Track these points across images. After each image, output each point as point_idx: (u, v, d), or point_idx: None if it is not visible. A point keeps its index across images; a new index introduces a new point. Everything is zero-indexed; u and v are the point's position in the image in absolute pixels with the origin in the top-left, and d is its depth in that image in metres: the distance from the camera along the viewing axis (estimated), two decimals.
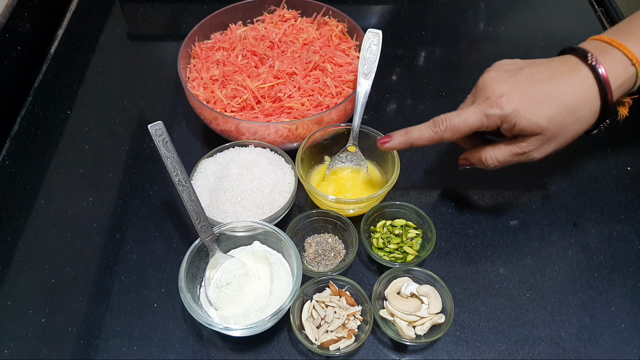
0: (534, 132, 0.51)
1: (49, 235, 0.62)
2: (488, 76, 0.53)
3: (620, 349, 0.54)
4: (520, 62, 0.55)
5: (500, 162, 0.55)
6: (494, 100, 0.51)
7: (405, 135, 0.56)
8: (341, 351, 0.51)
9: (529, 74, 0.52)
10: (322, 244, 0.60)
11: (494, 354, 0.54)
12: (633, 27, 0.51)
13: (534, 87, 0.50)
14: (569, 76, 0.50)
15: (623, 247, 0.61)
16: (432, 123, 0.55)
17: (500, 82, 0.52)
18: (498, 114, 0.51)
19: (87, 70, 0.82)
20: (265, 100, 0.67)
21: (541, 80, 0.51)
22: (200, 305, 0.54)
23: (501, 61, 0.56)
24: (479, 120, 0.52)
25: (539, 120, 0.50)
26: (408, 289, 0.54)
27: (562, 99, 0.50)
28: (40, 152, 0.70)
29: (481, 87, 0.53)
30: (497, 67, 0.55)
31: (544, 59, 0.54)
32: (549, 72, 0.51)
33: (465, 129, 0.53)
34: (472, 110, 0.52)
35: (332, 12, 0.77)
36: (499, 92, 0.51)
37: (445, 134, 0.54)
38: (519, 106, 0.50)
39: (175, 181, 0.54)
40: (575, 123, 0.51)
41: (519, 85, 0.51)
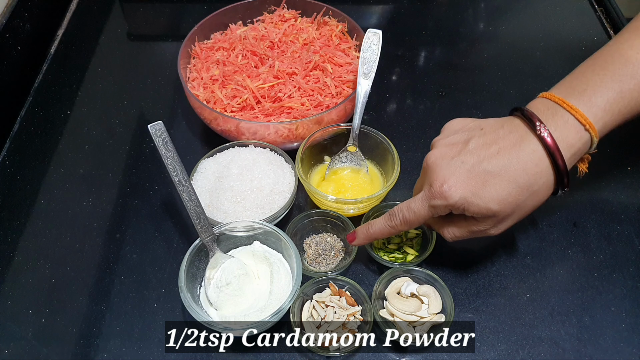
0: (485, 215, 0.47)
1: (49, 235, 0.62)
2: (432, 155, 0.50)
3: (620, 349, 0.54)
4: (470, 126, 0.50)
5: (457, 237, 0.52)
6: (436, 189, 0.47)
7: (366, 232, 0.55)
8: (341, 351, 0.51)
9: (475, 148, 0.47)
10: (321, 243, 0.60)
11: (494, 354, 0.54)
12: (585, 83, 0.47)
13: (480, 166, 0.46)
14: (517, 149, 0.46)
15: (623, 247, 0.61)
16: (388, 217, 0.53)
17: (443, 163, 0.48)
18: (443, 204, 0.47)
19: (87, 70, 0.82)
20: (265, 100, 0.67)
21: (488, 156, 0.46)
22: (200, 305, 0.54)
23: (450, 125, 0.53)
24: (427, 211, 0.49)
25: (489, 204, 0.46)
26: (408, 289, 0.54)
27: (511, 177, 0.46)
28: (40, 152, 0.70)
29: (426, 169, 0.50)
30: (442, 141, 0.51)
31: (494, 121, 0.49)
32: (496, 144, 0.47)
33: (418, 221, 0.51)
34: (420, 202, 0.49)
35: (332, 12, 0.77)
36: (442, 178, 0.47)
37: (401, 227, 0.52)
38: (464, 192, 0.46)
39: (175, 181, 0.54)
40: (531, 197, 0.47)
41: (463, 167, 0.47)
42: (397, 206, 0.52)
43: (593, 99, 0.46)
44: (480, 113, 0.76)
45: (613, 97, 0.46)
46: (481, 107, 0.76)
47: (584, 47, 0.85)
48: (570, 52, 0.84)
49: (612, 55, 0.49)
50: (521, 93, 0.78)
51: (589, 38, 0.86)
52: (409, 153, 0.70)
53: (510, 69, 0.82)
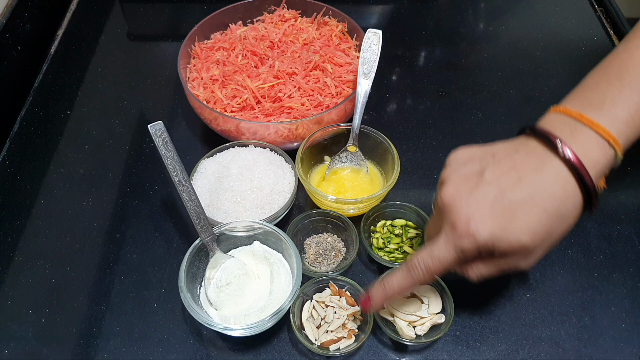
0: (517, 250, 0.43)
1: (49, 235, 0.62)
2: (446, 192, 0.44)
3: (620, 349, 0.54)
4: (480, 155, 0.45)
5: (485, 276, 0.46)
6: (462, 229, 0.42)
7: (384, 292, 0.48)
8: (341, 351, 0.51)
9: (493, 179, 0.43)
10: (322, 244, 0.60)
11: (494, 354, 0.54)
12: (602, 95, 0.43)
13: (504, 199, 0.42)
14: (540, 175, 0.42)
15: (623, 247, 0.61)
16: (407, 270, 0.46)
17: (462, 200, 0.43)
18: (472, 245, 0.42)
19: (87, 70, 0.82)
20: (265, 100, 0.67)
21: (509, 186, 0.42)
22: (200, 305, 0.54)
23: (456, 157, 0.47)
24: (454, 256, 0.44)
25: (520, 237, 0.42)
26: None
27: (539, 205, 0.42)
28: (40, 152, 0.70)
29: (442, 209, 0.44)
30: (453, 175, 0.45)
31: (504, 146, 0.45)
32: (515, 171, 0.43)
33: (442, 269, 0.45)
34: (443, 247, 0.44)
35: (332, 12, 0.77)
36: (465, 217, 0.42)
37: (424, 279, 0.46)
38: (492, 228, 0.42)
39: (175, 181, 0.54)
40: (560, 223, 0.43)
41: (485, 201, 0.42)
42: (417, 256, 0.46)
43: (614, 111, 0.43)
44: (480, 113, 0.76)
45: (634, 108, 0.43)
46: (481, 107, 0.76)
47: (584, 47, 0.85)
48: (570, 52, 0.84)
49: (625, 63, 0.45)
50: (521, 93, 0.78)
51: (589, 38, 0.86)
52: (409, 153, 0.71)
53: (510, 69, 0.82)
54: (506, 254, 0.43)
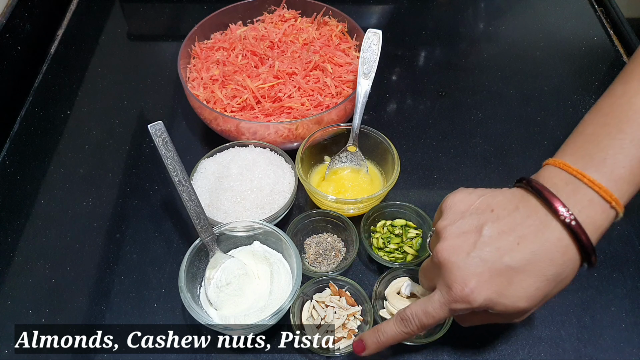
0: (511, 314, 0.43)
1: (49, 235, 0.62)
2: (443, 249, 0.43)
3: (620, 349, 0.54)
4: (477, 206, 0.44)
5: (476, 324, 0.48)
6: (457, 292, 0.42)
7: (378, 340, 0.48)
8: (341, 351, 0.51)
9: (492, 238, 0.42)
10: (322, 244, 0.60)
11: (494, 354, 0.54)
12: (602, 150, 0.42)
13: (502, 262, 0.41)
14: (541, 238, 0.41)
15: (623, 247, 0.61)
16: (401, 323, 0.46)
17: (459, 261, 0.42)
18: (466, 307, 0.42)
19: (87, 70, 0.82)
20: (265, 100, 0.67)
21: (508, 249, 0.41)
22: (200, 305, 0.54)
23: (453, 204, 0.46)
24: (447, 314, 0.44)
25: (516, 303, 0.42)
26: (408, 289, 0.54)
27: (538, 272, 0.41)
28: (40, 152, 0.70)
29: (439, 265, 0.44)
30: (451, 229, 0.44)
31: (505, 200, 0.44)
32: (514, 232, 0.42)
33: (434, 323, 0.45)
34: (438, 306, 0.44)
35: (332, 12, 0.77)
36: (462, 280, 0.42)
37: (416, 332, 0.46)
38: (488, 294, 0.41)
39: (175, 181, 0.54)
40: (558, 286, 0.43)
41: (482, 264, 0.42)
42: (410, 310, 0.46)
43: (616, 170, 0.41)
44: (480, 113, 0.76)
45: (636, 164, 0.41)
46: (481, 107, 0.76)
47: (584, 47, 0.85)
48: (570, 52, 0.84)
49: (625, 112, 0.43)
50: (521, 93, 0.78)
51: (589, 38, 0.86)
52: (409, 153, 0.71)
53: (510, 69, 0.82)
54: (500, 315, 0.44)
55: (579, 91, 0.79)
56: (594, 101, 0.76)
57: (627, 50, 0.84)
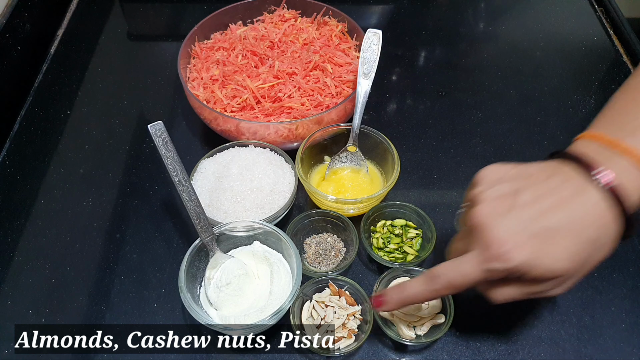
0: (550, 277, 0.42)
1: (49, 235, 0.62)
2: (479, 212, 0.42)
3: (620, 349, 0.54)
4: (513, 175, 0.44)
5: (508, 300, 0.45)
6: (494, 251, 0.41)
7: (399, 295, 0.47)
8: (341, 351, 0.51)
9: (529, 202, 0.42)
10: (321, 244, 0.60)
11: (494, 354, 0.54)
12: (634, 119, 0.42)
13: (540, 224, 0.41)
14: (577, 201, 0.41)
15: (623, 247, 0.61)
16: (428, 279, 0.45)
17: (496, 221, 0.41)
18: (503, 267, 0.41)
19: (87, 70, 0.82)
20: (265, 100, 0.67)
21: (546, 210, 0.41)
22: (200, 305, 0.54)
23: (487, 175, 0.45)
24: (481, 275, 0.42)
25: (554, 264, 0.41)
26: None
27: (576, 233, 0.41)
28: (40, 152, 0.70)
29: (474, 229, 0.43)
30: (486, 193, 0.43)
31: (540, 169, 0.44)
32: (551, 196, 0.42)
33: (465, 285, 0.43)
34: (470, 264, 0.43)
35: (332, 12, 0.77)
36: (499, 239, 0.41)
37: (444, 292, 0.45)
38: (527, 254, 0.40)
39: (175, 181, 0.54)
40: (597, 251, 0.42)
41: (520, 224, 0.41)
42: (439, 267, 0.45)
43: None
44: (480, 113, 0.76)
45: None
46: (481, 107, 0.76)
47: (584, 47, 0.85)
48: (570, 52, 0.84)
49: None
50: (521, 93, 0.78)
51: (589, 38, 0.86)
52: (409, 153, 0.71)
53: (510, 69, 0.82)
54: (538, 280, 0.42)
55: (579, 91, 0.78)
56: (594, 101, 0.77)
57: (627, 50, 0.84)
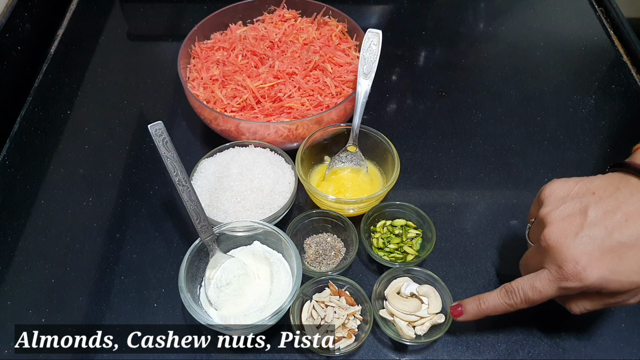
0: (627, 290, 0.43)
1: (49, 235, 0.62)
2: (551, 234, 0.44)
3: (620, 349, 0.54)
4: (578, 192, 0.46)
5: (588, 310, 0.47)
6: (569, 270, 0.43)
7: (478, 308, 0.50)
8: (341, 351, 0.51)
9: (598, 219, 0.43)
10: (321, 244, 0.60)
11: (494, 354, 0.54)
12: None
13: (611, 239, 0.42)
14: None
15: None
16: (506, 294, 0.48)
17: (568, 242, 0.43)
18: (578, 286, 0.43)
19: (87, 70, 0.82)
20: (265, 100, 0.67)
21: (617, 226, 0.42)
22: (200, 305, 0.54)
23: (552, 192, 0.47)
24: (556, 292, 0.45)
25: (632, 278, 0.42)
26: (408, 289, 0.54)
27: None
28: (40, 152, 0.70)
29: (547, 249, 0.45)
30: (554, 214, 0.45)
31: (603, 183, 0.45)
32: (620, 210, 0.43)
33: (540, 300, 0.46)
34: (546, 282, 0.45)
35: (332, 12, 0.77)
36: (573, 259, 0.42)
37: (520, 306, 0.48)
38: (602, 271, 0.42)
39: (175, 181, 0.54)
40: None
41: (593, 243, 0.42)
42: (517, 283, 0.47)
43: None
44: (480, 113, 0.76)
45: None
46: (481, 107, 0.76)
47: (584, 47, 0.85)
48: (570, 52, 0.84)
49: None
50: (521, 93, 0.78)
51: (589, 38, 0.86)
52: (409, 153, 0.71)
53: (510, 69, 0.82)
54: (616, 294, 0.44)
55: (579, 91, 0.78)
56: (594, 101, 0.77)
57: (627, 50, 0.84)
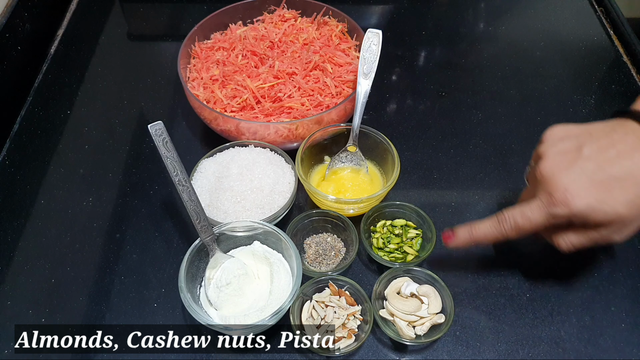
0: (612, 221, 0.45)
1: (49, 235, 0.62)
2: (546, 165, 0.47)
3: (620, 349, 0.54)
4: (576, 133, 0.48)
5: (575, 246, 0.49)
6: (558, 197, 0.45)
7: (469, 233, 0.52)
8: (341, 351, 0.51)
9: (592, 155, 0.46)
10: (321, 244, 0.60)
11: (494, 354, 0.54)
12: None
13: (602, 172, 0.45)
14: (639, 151, 0.45)
15: (623, 247, 0.61)
16: (497, 221, 0.50)
17: (561, 172, 0.46)
18: (566, 212, 0.45)
19: (87, 70, 0.82)
20: (265, 100, 0.67)
21: (608, 161, 0.45)
22: (200, 305, 0.54)
23: (553, 133, 0.50)
24: (545, 219, 0.47)
25: (616, 209, 0.44)
26: (408, 289, 0.54)
27: (637, 179, 0.44)
28: (40, 152, 0.70)
29: (540, 181, 0.47)
30: (552, 150, 0.48)
31: (601, 126, 0.48)
32: (613, 147, 0.45)
33: (531, 228, 0.48)
34: (536, 209, 0.47)
35: (332, 12, 0.77)
36: (563, 187, 0.45)
37: (510, 233, 0.49)
38: (589, 200, 0.44)
39: (175, 181, 0.54)
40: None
41: (583, 174, 0.45)
42: (508, 211, 0.49)
43: None
44: (480, 113, 0.76)
45: None
46: (481, 107, 0.76)
47: (584, 47, 0.85)
48: (570, 52, 0.84)
49: None
50: (521, 93, 0.78)
51: (589, 38, 0.86)
52: (409, 153, 0.71)
53: (510, 69, 0.82)
54: (600, 225, 0.46)
55: (579, 91, 0.79)
56: (594, 101, 0.77)
57: (627, 50, 0.84)
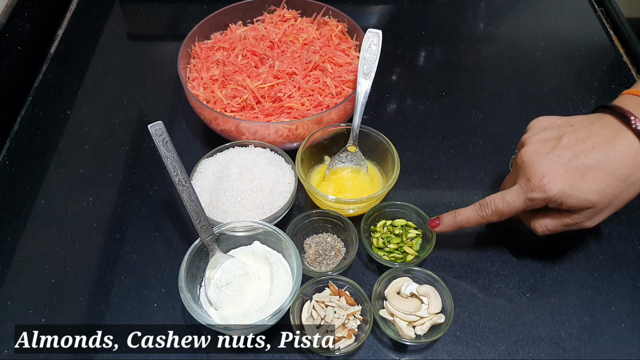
0: (583, 207, 0.49)
1: (49, 235, 0.62)
2: (526, 152, 0.51)
3: (620, 349, 0.54)
4: (559, 124, 0.52)
5: (550, 230, 0.53)
6: (535, 182, 0.49)
7: (454, 219, 0.55)
8: (341, 351, 0.51)
9: (569, 144, 0.49)
10: (321, 243, 0.60)
11: (494, 354, 0.54)
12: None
13: (577, 160, 0.48)
14: (613, 143, 0.48)
15: (623, 247, 0.61)
16: (479, 207, 0.54)
17: (539, 159, 0.50)
18: (542, 197, 0.49)
19: (87, 70, 0.82)
20: (265, 100, 0.67)
21: (583, 150, 0.49)
22: (200, 305, 0.54)
23: (537, 123, 0.54)
24: (523, 203, 0.51)
25: (587, 195, 0.48)
26: (408, 289, 0.54)
27: (609, 170, 0.48)
28: (40, 152, 0.70)
29: (520, 166, 0.52)
30: (534, 138, 0.52)
31: (582, 118, 0.51)
32: (590, 139, 0.49)
33: (510, 212, 0.52)
34: (515, 194, 0.51)
35: (332, 12, 0.77)
36: (540, 173, 0.49)
37: (491, 218, 0.53)
38: (563, 186, 0.48)
39: (175, 181, 0.54)
40: (627, 189, 0.49)
41: (560, 161, 0.49)
42: (489, 197, 0.53)
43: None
44: (480, 113, 0.76)
45: None
46: (481, 107, 0.76)
47: (584, 47, 0.85)
48: (570, 52, 0.84)
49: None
50: (521, 93, 0.78)
51: (589, 38, 0.86)
52: (409, 153, 0.71)
53: (510, 69, 0.82)
54: (573, 210, 0.50)
55: (579, 91, 0.79)
56: (594, 101, 0.77)
57: (627, 50, 0.84)
